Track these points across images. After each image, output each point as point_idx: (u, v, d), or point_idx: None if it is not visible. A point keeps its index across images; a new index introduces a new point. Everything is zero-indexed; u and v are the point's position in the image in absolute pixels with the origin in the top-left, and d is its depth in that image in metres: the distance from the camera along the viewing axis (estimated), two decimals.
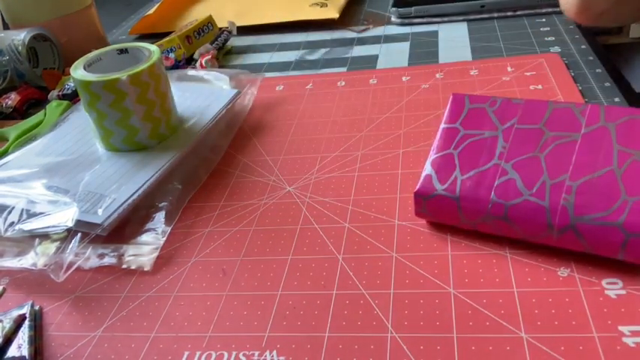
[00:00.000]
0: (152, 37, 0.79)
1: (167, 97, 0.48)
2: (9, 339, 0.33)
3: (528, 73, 0.51)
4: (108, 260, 0.38)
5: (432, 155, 0.36)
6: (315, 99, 0.55)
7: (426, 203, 0.35)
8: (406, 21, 0.69)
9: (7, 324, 0.33)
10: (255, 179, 0.45)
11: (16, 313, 0.34)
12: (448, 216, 0.35)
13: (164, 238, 0.39)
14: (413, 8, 0.68)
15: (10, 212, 0.40)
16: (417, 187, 0.35)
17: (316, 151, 0.46)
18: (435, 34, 0.65)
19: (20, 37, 0.66)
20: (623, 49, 0.50)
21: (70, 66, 0.47)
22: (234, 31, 0.72)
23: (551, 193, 0.31)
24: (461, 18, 0.67)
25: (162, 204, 0.42)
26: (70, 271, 0.37)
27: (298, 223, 0.39)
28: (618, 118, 0.33)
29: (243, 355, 0.30)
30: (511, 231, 0.33)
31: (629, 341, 0.27)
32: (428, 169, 0.35)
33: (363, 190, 0.41)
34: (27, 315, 0.34)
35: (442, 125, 0.37)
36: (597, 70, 0.49)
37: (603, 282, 0.30)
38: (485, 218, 0.33)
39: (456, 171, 0.35)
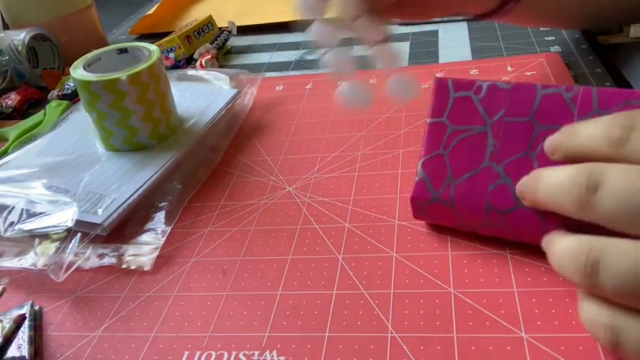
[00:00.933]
0: (152, 37, 0.79)
1: (167, 97, 0.48)
2: (9, 339, 0.33)
3: (528, 73, 0.51)
4: (108, 260, 0.38)
5: (422, 157, 0.35)
6: (315, 99, 0.55)
7: (423, 208, 0.35)
8: (406, 21, 0.69)
9: (7, 324, 0.33)
10: (255, 179, 0.45)
11: (15, 313, 0.34)
12: (447, 220, 0.34)
13: (164, 238, 0.39)
14: None
15: (9, 212, 0.40)
16: (412, 193, 0.35)
17: (316, 151, 0.46)
18: (435, 33, 0.65)
19: (20, 37, 0.66)
20: (623, 49, 0.50)
21: (70, 66, 0.47)
22: (234, 31, 0.72)
23: None
24: (461, 18, 0.67)
25: (162, 204, 0.42)
26: (69, 271, 0.37)
27: (298, 223, 0.39)
28: (613, 103, 0.30)
29: (243, 355, 0.30)
30: (510, 235, 0.32)
31: None
32: (420, 173, 0.34)
33: (363, 190, 0.41)
34: (27, 315, 0.34)
35: (428, 120, 0.35)
36: (597, 70, 0.49)
37: None
38: (483, 224, 0.33)
39: (448, 176, 0.33)
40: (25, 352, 0.32)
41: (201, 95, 0.53)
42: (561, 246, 0.25)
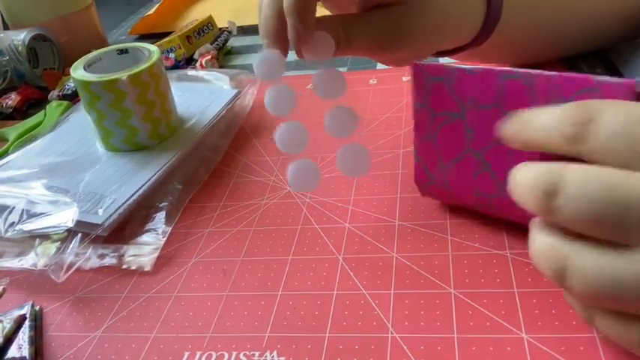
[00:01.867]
0: (152, 37, 0.79)
1: (167, 97, 0.48)
2: (9, 339, 0.33)
3: None
4: (108, 260, 0.38)
5: (415, 140, 0.36)
6: (316, 99, 0.55)
7: (426, 189, 0.37)
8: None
9: (8, 324, 0.33)
10: (255, 179, 0.45)
11: (16, 313, 0.34)
12: (449, 200, 0.37)
13: (164, 239, 0.39)
14: None
15: (10, 212, 0.40)
16: (414, 176, 0.37)
17: (316, 151, 0.46)
18: None
19: (20, 37, 0.66)
20: (623, 49, 0.50)
21: (70, 66, 0.47)
22: (234, 31, 0.72)
23: None
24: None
25: (163, 204, 0.42)
26: (70, 272, 0.37)
27: (298, 223, 0.39)
28: (572, 91, 0.28)
29: (244, 355, 0.30)
30: (503, 215, 0.34)
31: None
32: (416, 156, 0.36)
33: (363, 190, 0.41)
34: (27, 315, 0.34)
35: (414, 104, 0.35)
36: (597, 70, 0.49)
37: None
38: (476, 206, 0.35)
39: (439, 161, 0.35)
40: (25, 353, 0.32)
41: (201, 95, 0.53)
42: (523, 170, 0.23)
